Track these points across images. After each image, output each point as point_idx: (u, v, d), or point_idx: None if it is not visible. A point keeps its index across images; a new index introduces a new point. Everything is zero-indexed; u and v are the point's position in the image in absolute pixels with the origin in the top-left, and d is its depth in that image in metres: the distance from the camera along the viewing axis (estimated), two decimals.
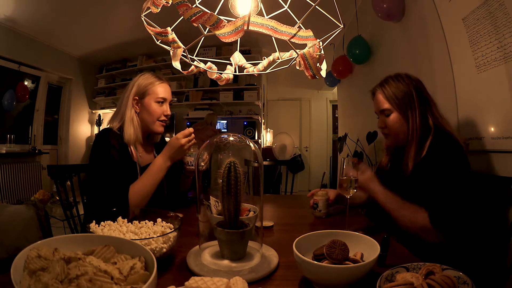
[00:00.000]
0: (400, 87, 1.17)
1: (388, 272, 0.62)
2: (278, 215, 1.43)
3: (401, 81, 1.18)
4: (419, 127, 1.14)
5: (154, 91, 1.36)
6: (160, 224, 0.88)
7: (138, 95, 1.36)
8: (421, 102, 1.16)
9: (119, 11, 3.76)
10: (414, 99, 1.15)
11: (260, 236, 0.82)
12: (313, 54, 0.68)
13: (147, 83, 1.37)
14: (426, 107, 1.16)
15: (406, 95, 1.16)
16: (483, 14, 1.29)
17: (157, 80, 1.38)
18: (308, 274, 0.69)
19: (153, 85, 1.36)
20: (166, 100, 1.39)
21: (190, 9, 0.55)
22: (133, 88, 1.36)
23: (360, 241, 0.77)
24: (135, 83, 1.37)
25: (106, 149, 1.25)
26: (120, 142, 1.30)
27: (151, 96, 1.36)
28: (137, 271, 0.56)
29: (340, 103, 4.77)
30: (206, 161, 0.86)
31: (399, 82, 1.18)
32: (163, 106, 1.38)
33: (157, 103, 1.36)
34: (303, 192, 6.48)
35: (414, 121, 1.15)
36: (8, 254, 0.73)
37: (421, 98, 1.16)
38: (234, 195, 0.75)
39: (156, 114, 1.36)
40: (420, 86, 1.19)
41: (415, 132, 1.14)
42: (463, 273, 0.60)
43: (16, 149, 4.27)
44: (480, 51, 1.34)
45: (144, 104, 1.36)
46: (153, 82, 1.37)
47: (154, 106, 1.36)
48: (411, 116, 1.15)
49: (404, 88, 1.17)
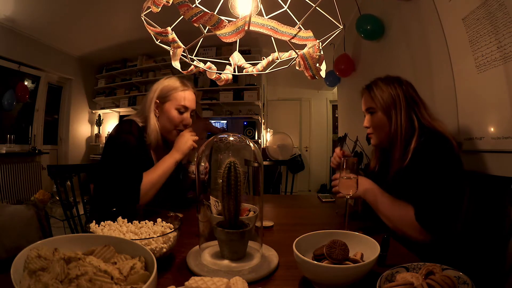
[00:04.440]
0: (387, 89, 1.18)
1: (388, 272, 0.62)
2: (278, 215, 1.43)
3: (390, 83, 1.19)
4: (404, 128, 1.14)
5: (175, 98, 1.32)
6: (160, 224, 0.88)
7: (159, 99, 1.32)
8: (408, 104, 1.16)
9: (119, 11, 3.76)
10: (400, 101, 1.16)
11: (260, 236, 0.82)
12: (313, 55, 0.68)
13: (171, 88, 1.32)
14: (413, 108, 1.17)
15: (392, 97, 1.17)
16: (483, 14, 1.29)
17: (181, 86, 1.33)
18: (308, 274, 0.69)
19: (176, 91, 1.32)
20: (188, 109, 1.35)
21: (191, 10, 0.55)
22: (157, 91, 1.32)
23: (360, 241, 0.77)
24: (159, 85, 1.33)
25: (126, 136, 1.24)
26: (141, 135, 1.29)
27: (172, 102, 1.32)
28: (137, 271, 0.56)
29: (340, 103, 4.77)
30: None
31: (387, 85, 1.19)
32: (183, 115, 1.34)
33: (177, 110, 1.32)
34: (303, 192, 6.49)
35: (397, 121, 1.15)
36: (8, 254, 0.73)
37: (408, 100, 1.17)
38: (234, 195, 0.75)
39: (174, 122, 1.33)
40: (409, 88, 1.19)
41: (398, 132, 1.15)
42: (463, 273, 0.60)
43: (16, 149, 4.26)
44: (480, 51, 1.33)
45: (164, 110, 1.32)
46: (177, 88, 1.33)
47: (174, 113, 1.32)
48: (394, 117, 1.16)
49: (391, 90, 1.18)
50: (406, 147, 1.13)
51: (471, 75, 1.40)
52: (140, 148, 1.27)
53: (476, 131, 1.39)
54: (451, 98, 1.55)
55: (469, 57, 1.40)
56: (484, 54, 1.31)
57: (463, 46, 1.44)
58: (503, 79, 1.22)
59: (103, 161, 1.28)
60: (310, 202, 1.76)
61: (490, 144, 1.31)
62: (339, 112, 4.84)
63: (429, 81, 1.24)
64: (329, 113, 7.02)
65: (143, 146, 1.31)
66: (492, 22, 1.25)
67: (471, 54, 1.39)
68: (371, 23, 2.60)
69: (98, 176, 1.39)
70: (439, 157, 1.04)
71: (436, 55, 1.73)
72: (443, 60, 1.62)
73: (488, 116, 1.34)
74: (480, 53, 1.33)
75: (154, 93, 1.33)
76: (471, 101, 1.45)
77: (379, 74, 1.28)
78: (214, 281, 0.54)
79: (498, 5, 1.21)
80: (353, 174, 1.03)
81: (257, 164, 0.80)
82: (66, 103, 5.28)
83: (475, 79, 1.38)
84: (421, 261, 0.67)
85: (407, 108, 1.16)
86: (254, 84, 5.07)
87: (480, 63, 1.34)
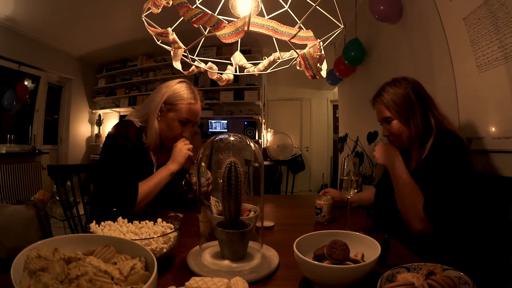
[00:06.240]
0: (398, 92, 1.17)
1: (389, 273, 0.62)
2: (279, 215, 1.42)
3: (398, 85, 1.18)
4: (421, 129, 1.14)
5: (182, 109, 1.30)
6: (161, 224, 0.88)
7: (165, 105, 1.30)
8: (421, 104, 1.15)
9: (119, 10, 3.76)
10: (414, 102, 1.15)
11: (260, 236, 0.82)
12: (313, 54, 0.68)
13: (179, 97, 1.30)
14: (426, 108, 1.16)
15: (405, 100, 1.15)
16: (484, 14, 1.29)
17: (190, 99, 1.31)
18: (308, 274, 0.69)
19: (184, 102, 1.30)
20: (191, 122, 1.34)
21: (191, 10, 0.55)
22: (165, 96, 1.29)
23: (361, 241, 0.77)
24: (168, 90, 1.30)
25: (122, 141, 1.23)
26: (138, 137, 1.27)
27: (178, 113, 1.30)
28: (137, 271, 0.56)
29: (340, 103, 4.76)
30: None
31: (396, 87, 1.18)
32: (185, 126, 1.33)
33: (180, 122, 1.31)
34: (303, 192, 6.48)
35: (416, 125, 1.14)
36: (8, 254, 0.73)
37: (420, 99, 1.16)
38: (235, 195, 0.75)
39: (174, 132, 1.32)
40: (418, 87, 1.18)
41: (417, 133, 1.15)
42: (464, 274, 0.59)
43: (16, 149, 4.26)
44: (481, 50, 1.33)
45: (168, 118, 1.30)
46: (186, 99, 1.30)
47: (176, 124, 1.31)
48: (412, 120, 1.15)
49: (402, 92, 1.16)
50: (423, 144, 1.14)
51: (472, 75, 1.40)
52: (137, 151, 1.26)
53: (477, 131, 1.39)
54: (452, 98, 1.55)
55: (470, 57, 1.40)
56: (485, 54, 1.30)
57: (464, 46, 1.44)
58: (504, 78, 1.21)
59: (101, 163, 1.28)
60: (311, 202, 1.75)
61: (491, 144, 1.31)
62: (340, 112, 4.83)
63: (430, 81, 1.24)
64: (330, 113, 7.02)
65: (141, 148, 1.29)
66: (493, 22, 1.24)
67: (472, 54, 1.39)
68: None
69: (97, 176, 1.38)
70: (453, 155, 1.06)
71: (437, 55, 1.73)
72: (444, 60, 1.62)
73: (489, 116, 1.34)
74: (481, 53, 1.33)
75: (162, 96, 1.30)
76: (472, 101, 1.45)
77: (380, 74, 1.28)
78: (214, 281, 0.54)
79: (499, 4, 1.20)
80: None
81: (257, 164, 0.80)
82: (66, 103, 5.28)
83: (476, 79, 1.38)
84: (422, 262, 0.67)
85: (420, 108, 1.15)
86: (255, 84, 5.07)
87: (481, 63, 1.33)
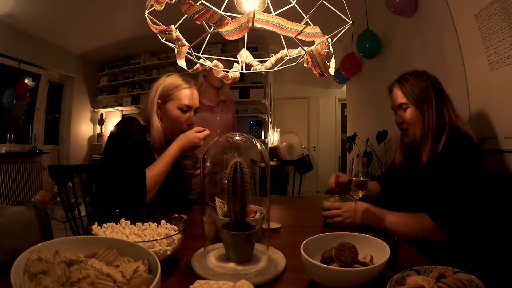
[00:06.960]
0: (418, 83, 1.18)
1: (399, 275, 0.61)
2: (286, 216, 1.41)
3: (419, 77, 1.20)
4: (435, 122, 1.15)
5: (178, 97, 1.29)
6: (164, 226, 0.87)
7: (161, 99, 1.29)
8: (438, 98, 1.17)
9: (122, 7, 3.74)
10: (431, 95, 1.16)
11: (267, 238, 0.81)
12: (321, 51, 0.66)
13: (172, 86, 1.29)
14: (442, 103, 1.17)
15: (423, 91, 1.17)
16: (496, 10, 1.28)
17: (184, 84, 1.30)
18: (316, 277, 0.68)
19: (178, 90, 1.29)
20: (191, 108, 1.32)
21: (193, 7, 0.54)
22: (158, 91, 1.29)
23: (370, 244, 0.76)
24: (160, 85, 1.30)
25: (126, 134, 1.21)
26: (143, 133, 1.26)
27: (175, 102, 1.29)
28: (140, 274, 0.55)
29: (349, 102, 4.72)
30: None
31: (417, 79, 1.19)
32: (186, 114, 1.31)
33: (180, 110, 1.29)
34: (311, 193, 6.43)
35: (430, 116, 1.16)
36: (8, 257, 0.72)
37: (438, 94, 1.18)
38: (240, 196, 0.74)
39: (178, 123, 1.30)
40: (437, 83, 1.20)
41: (430, 126, 1.15)
42: (475, 277, 0.58)
43: (16, 149, 4.25)
44: (493, 48, 1.32)
45: (167, 110, 1.29)
46: (179, 86, 1.29)
47: (177, 113, 1.29)
48: (427, 111, 1.16)
49: (421, 84, 1.18)
50: (436, 142, 1.14)
51: (484, 72, 1.39)
52: (141, 146, 1.25)
53: (489, 130, 1.38)
54: (463, 96, 1.54)
55: (481, 55, 1.39)
56: (497, 52, 1.29)
57: (475, 43, 1.43)
58: None
59: (104, 160, 1.26)
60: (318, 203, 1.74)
61: (503, 144, 1.30)
62: (348, 111, 4.79)
63: (441, 78, 1.23)
64: (338, 112, 6.97)
65: (145, 146, 1.28)
66: (505, 18, 1.23)
67: (483, 51, 1.37)
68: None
69: (99, 176, 1.37)
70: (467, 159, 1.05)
71: (449, 52, 1.72)
72: (456, 57, 1.61)
73: (502, 115, 1.32)
74: (493, 50, 1.32)
75: (156, 92, 1.29)
76: (483, 100, 1.44)
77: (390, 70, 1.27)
78: (219, 285, 0.53)
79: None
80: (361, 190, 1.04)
81: (263, 164, 0.79)
82: (68, 102, 5.26)
83: (488, 77, 1.37)
84: (432, 264, 0.66)
85: (437, 102, 1.16)
86: (261, 82, 5.02)
87: (493, 61, 1.32)
